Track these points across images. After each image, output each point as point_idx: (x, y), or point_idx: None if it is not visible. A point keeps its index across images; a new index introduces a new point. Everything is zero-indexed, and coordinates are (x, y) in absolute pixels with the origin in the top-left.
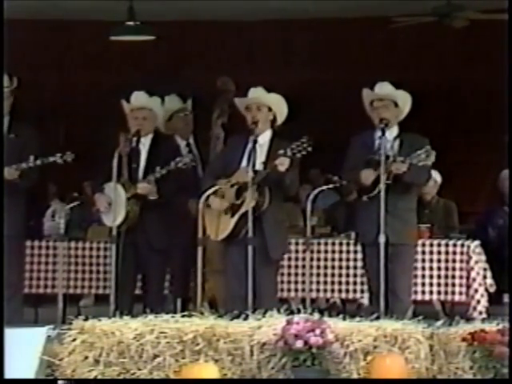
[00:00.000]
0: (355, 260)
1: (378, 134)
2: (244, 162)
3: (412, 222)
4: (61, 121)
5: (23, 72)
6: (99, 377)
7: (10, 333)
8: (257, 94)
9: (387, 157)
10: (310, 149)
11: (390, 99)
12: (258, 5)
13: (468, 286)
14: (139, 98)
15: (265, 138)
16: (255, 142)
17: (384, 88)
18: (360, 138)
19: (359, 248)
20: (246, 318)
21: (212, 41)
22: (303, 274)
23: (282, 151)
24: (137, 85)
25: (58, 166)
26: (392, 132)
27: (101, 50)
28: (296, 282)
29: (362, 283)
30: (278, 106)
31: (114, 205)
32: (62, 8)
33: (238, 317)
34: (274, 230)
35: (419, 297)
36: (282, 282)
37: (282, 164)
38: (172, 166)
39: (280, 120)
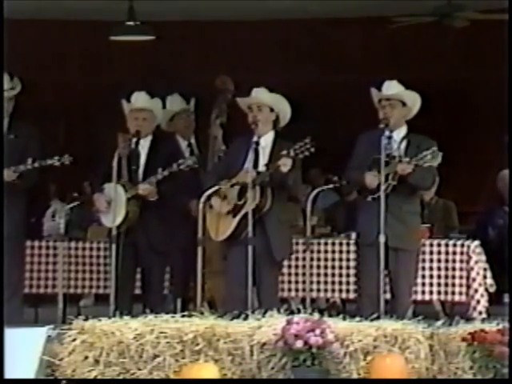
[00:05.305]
0: (355, 260)
1: (386, 133)
2: (246, 164)
3: (416, 226)
4: (60, 121)
5: (23, 72)
6: (99, 377)
7: (9, 333)
8: (258, 94)
9: (393, 157)
10: (313, 149)
11: (397, 99)
12: (258, 5)
13: (468, 286)
14: (140, 98)
15: (267, 139)
16: (257, 143)
17: (391, 87)
18: (367, 136)
19: (357, 248)
20: (245, 318)
21: (212, 41)
22: (303, 274)
23: (284, 152)
24: (137, 85)
25: (58, 166)
26: (400, 132)
27: (101, 50)
28: (296, 282)
29: None
30: (280, 106)
31: (114, 205)
32: (62, 8)
33: (238, 317)
34: (277, 231)
35: (419, 297)
36: (283, 281)
37: (285, 164)
38: (174, 168)
39: (283, 121)
